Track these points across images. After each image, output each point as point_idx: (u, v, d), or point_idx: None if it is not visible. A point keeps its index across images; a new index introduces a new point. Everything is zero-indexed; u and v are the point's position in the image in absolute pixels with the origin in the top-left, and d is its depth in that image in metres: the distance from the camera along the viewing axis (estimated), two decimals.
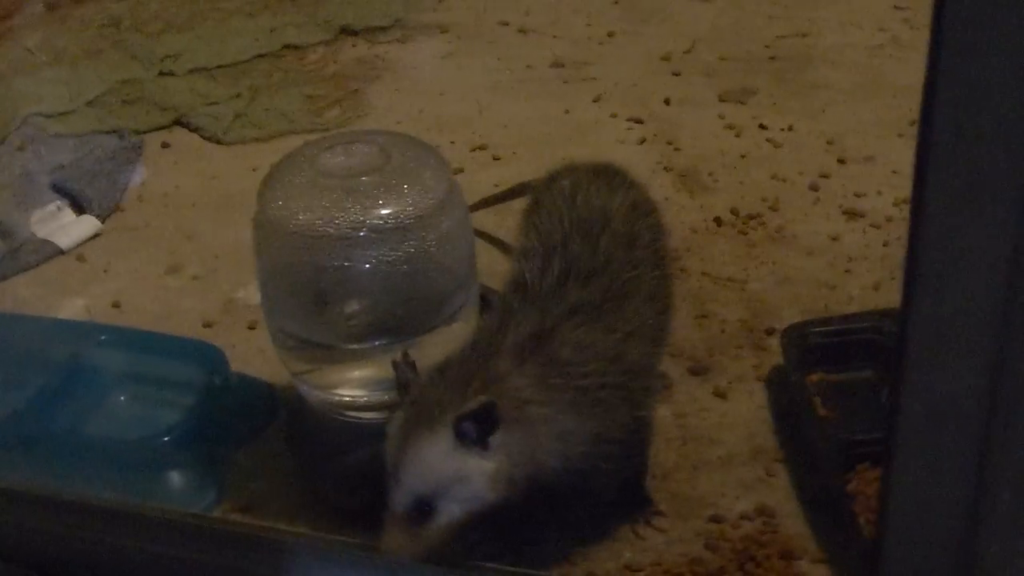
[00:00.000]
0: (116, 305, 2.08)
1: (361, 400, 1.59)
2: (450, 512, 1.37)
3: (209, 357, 1.81)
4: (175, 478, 1.71)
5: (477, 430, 1.34)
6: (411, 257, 1.49)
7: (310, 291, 1.52)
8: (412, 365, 1.41)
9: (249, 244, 2.16)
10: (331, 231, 1.47)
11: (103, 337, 1.86)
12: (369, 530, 1.48)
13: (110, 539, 1.53)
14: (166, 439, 1.70)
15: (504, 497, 1.39)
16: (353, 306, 1.54)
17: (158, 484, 1.70)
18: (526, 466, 1.39)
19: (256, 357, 1.91)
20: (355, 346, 1.55)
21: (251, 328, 2.01)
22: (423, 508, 1.35)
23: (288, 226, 1.48)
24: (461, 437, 1.34)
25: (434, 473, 1.35)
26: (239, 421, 1.79)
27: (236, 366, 1.84)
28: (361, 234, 1.47)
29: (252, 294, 2.08)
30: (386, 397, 1.56)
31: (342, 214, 1.47)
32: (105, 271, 2.17)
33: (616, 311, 1.49)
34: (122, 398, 1.82)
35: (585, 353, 1.44)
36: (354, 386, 1.59)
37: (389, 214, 1.48)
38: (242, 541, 1.50)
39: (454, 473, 1.35)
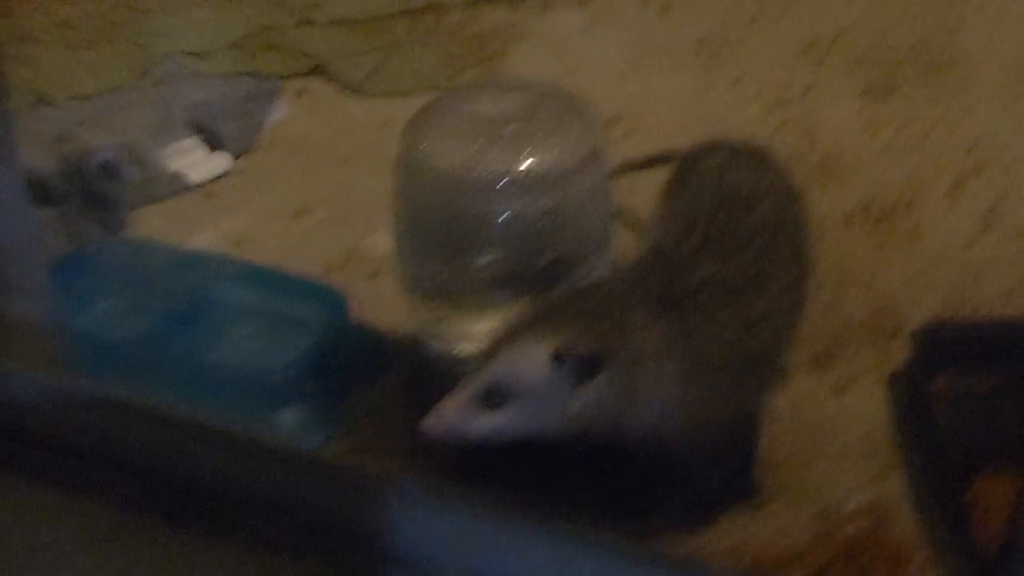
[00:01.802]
0: (241, 242, 2.10)
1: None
2: (517, 417, 1.37)
3: (330, 300, 1.82)
4: (288, 414, 1.73)
5: (575, 369, 1.34)
6: (551, 210, 1.49)
7: (446, 236, 1.52)
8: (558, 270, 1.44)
9: (378, 194, 2.18)
10: (473, 177, 1.47)
11: (229, 270, 1.88)
12: (478, 482, 1.50)
13: (217, 462, 1.54)
14: (283, 374, 1.72)
15: (577, 436, 1.39)
16: (488, 255, 1.53)
17: (271, 417, 1.72)
18: (612, 422, 1.39)
19: (375, 307, 1.91)
20: (485, 296, 1.54)
21: (373, 278, 2.01)
22: (493, 398, 1.36)
23: (430, 169, 1.49)
24: (558, 364, 1.34)
25: (523, 376, 1.35)
26: (354, 367, 1.81)
27: (355, 313, 1.84)
28: (502, 183, 1.46)
29: (377, 243, 2.08)
30: None
31: (486, 160, 1.47)
32: (233, 209, 2.19)
33: (749, 294, 1.47)
34: (243, 331, 1.83)
35: (713, 326, 1.42)
36: (478, 339, 1.58)
37: (533, 164, 1.47)
38: (348, 479, 1.51)
39: (540, 387, 1.35)
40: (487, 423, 1.38)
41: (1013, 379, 1.76)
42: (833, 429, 1.73)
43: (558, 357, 1.33)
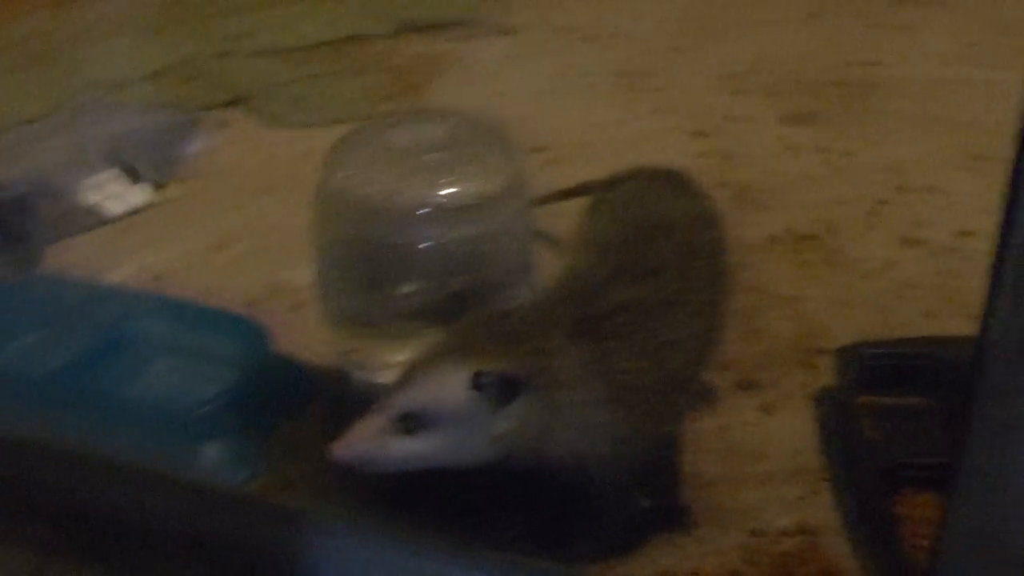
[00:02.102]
0: (159, 277, 2.07)
1: None
2: (435, 443, 1.34)
3: (251, 333, 1.79)
4: (210, 450, 1.69)
5: (494, 393, 1.31)
6: (471, 239, 1.47)
7: (366, 266, 1.50)
8: (465, 299, 1.41)
9: (299, 226, 2.16)
10: (393, 206, 1.45)
11: (148, 305, 1.85)
12: (401, 514, 1.47)
13: (138, 500, 1.50)
14: (203, 410, 1.68)
15: (497, 463, 1.36)
16: (409, 285, 1.51)
17: (193, 454, 1.68)
18: (531, 446, 1.36)
19: (297, 339, 1.89)
20: (406, 325, 1.52)
21: (294, 310, 1.99)
22: (409, 423, 1.33)
23: (350, 199, 1.47)
24: (477, 387, 1.31)
25: (440, 401, 1.32)
26: (277, 400, 1.77)
27: (277, 347, 1.82)
28: (422, 212, 1.45)
29: (298, 276, 2.06)
30: None
31: (406, 190, 1.45)
32: (152, 242, 2.16)
33: (664, 317, 1.46)
34: (163, 366, 1.80)
35: (629, 349, 1.41)
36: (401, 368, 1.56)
37: (455, 193, 1.46)
38: (267, 514, 1.47)
39: (459, 412, 1.32)
40: (403, 449, 1.34)
41: (936, 397, 1.77)
42: (762, 449, 1.73)
43: (477, 380, 1.31)
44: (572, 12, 2.87)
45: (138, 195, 2.24)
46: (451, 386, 1.32)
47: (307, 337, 1.91)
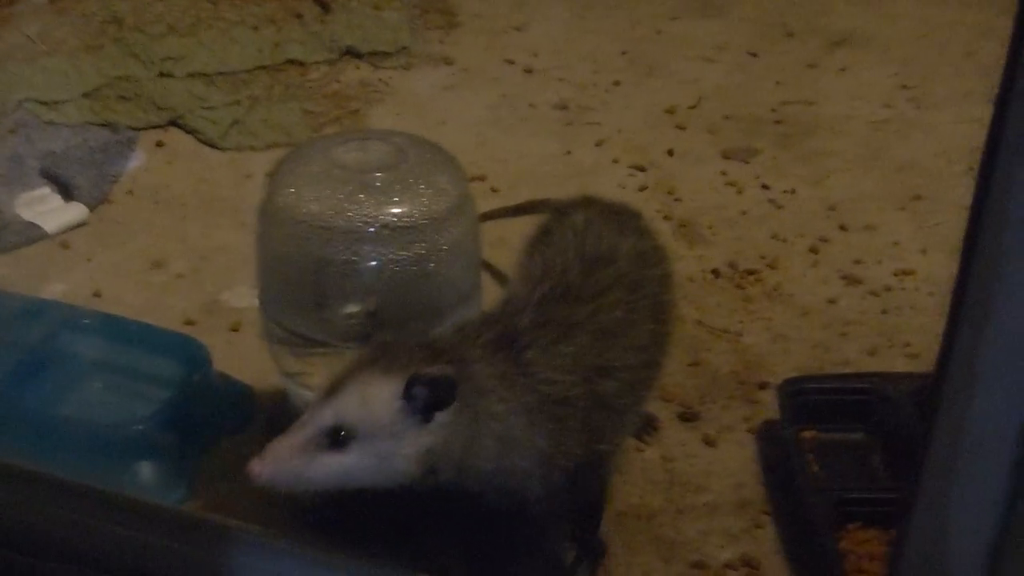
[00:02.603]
0: (97, 295, 2.04)
1: None
2: (360, 461, 1.31)
3: (191, 352, 1.77)
4: (145, 469, 1.66)
5: (426, 400, 1.29)
6: (420, 259, 1.46)
7: (312, 284, 1.47)
8: (381, 321, 1.36)
9: (237, 247, 2.15)
10: (341, 224, 1.43)
11: (85, 321, 1.81)
12: (331, 536, 1.45)
13: (73, 518, 1.46)
14: (139, 427, 1.66)
15: (419, 480, 1.34)
16: (355, 304, 1.48)
17: (127, 474, 1.65)
18: (457, 460, 1.34)
19: (236, 360, 1.86)
20: (352, 346, 1.49)
21: (234, 330, 1.96)
22: (336, 439, 1.30)
23: (297, 215, 1.44)
24: (408, 397, 1.29)
25: (371, 411, 1.29)
26: (216, 419, 1.75)
27: (216, 367, 1.79)
28: (371, 230, 1.43)
29: (237, 296, 2.04)
30: None
31: (354, 207, 1.44)
32: (89, 260, 2.12)
33: (598, 342, 1.45)
34: (99, 383, 1.77)
35: (553, 362, 1.40)
36: None
37: (402, 212, 1.44)
38: (200, 531, 1.44)
39: (388, 424, 1.30)
40: (330, 465, 1.31)
41: (878, 432, 1.77)
42: (704, 481, 1.73)
43: (410, 386, 1.28)
44: (511, 45, 2.86)
45: (73, 212, 2.20)
46: (381, 396, 1.30)
47: (246, 357, 1.88)
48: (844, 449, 1.77)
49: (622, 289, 1.50)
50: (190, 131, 2.49)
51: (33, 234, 2.15)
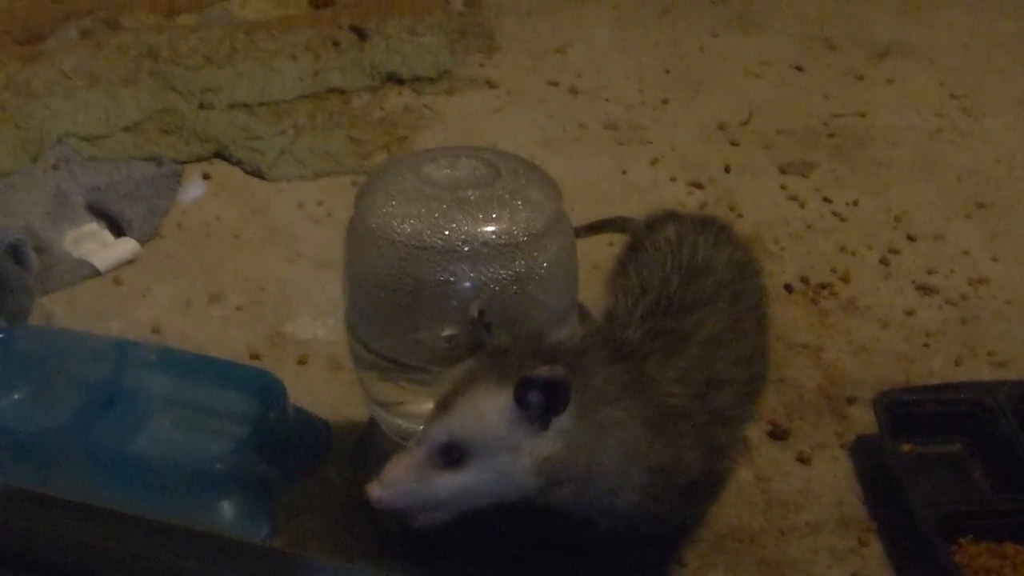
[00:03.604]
0: (156, 331, 1.98)
1: None
2: (478, 477, 1.26)
3: (266, 386, 1.71)
4: (227, 507, 1.60)
5: (543, 404, 1.24)
6: (518, 278, 1.39)
7: (407, 307, 1.41)
8: (488, 326, 1.32)
9: (295, 278, 2.10)
10: (437, 243, 1.37)
11: (152, 357, 1.75)
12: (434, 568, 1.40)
13: (152, 556, 1.40)
14: (219, 465, 1.60)
15: (538, 495, 1.29)
16: (450, 328, 1.43)
17: (210, 513, 1.59)
18: (580, 473, 1.29)
19: (307, 393, 1.81)
20: (446, 372, 1.44)
21: (301, 363, 1.91)
22: (452, 455, 1.25)
23: (390, 235, 1.38)
24: (522, 404, 1.24)
25: (485, 424, 1.24)
26: (295, 454, 1.69)
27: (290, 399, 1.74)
28: (468, 248, 1.37)
29: (301, 328, 1.99)
30: None
31: (450, 226, 1.37)
32: (143, 296, 2.07)
33: (708, 351, 1.40)
34: (174, 420, 1.71)
35: (671, 374, 1.35)
36: None
37: (500, 229, 1.38)
38: (288, 566, 1.38)
39: (505, 435, 1.25)
40: (447, 484, 1.26)
41: (978, 444, 1.72)
42: (802, 500, 1.68)
43: (522, 392, 1.22)
44: (553, 67, 2.81)
45: (125, 248, 2.14)
46: (494, 407, 1.25)
47: (317, 390, 1.84)
48: (944, 463, 1.72)
49: (724, 299, 1.46)
50: (236, 162, 2.44)
51: (84, 271, 2.09)
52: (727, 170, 2.43)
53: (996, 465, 1.69)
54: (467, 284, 1.39)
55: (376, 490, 1.26)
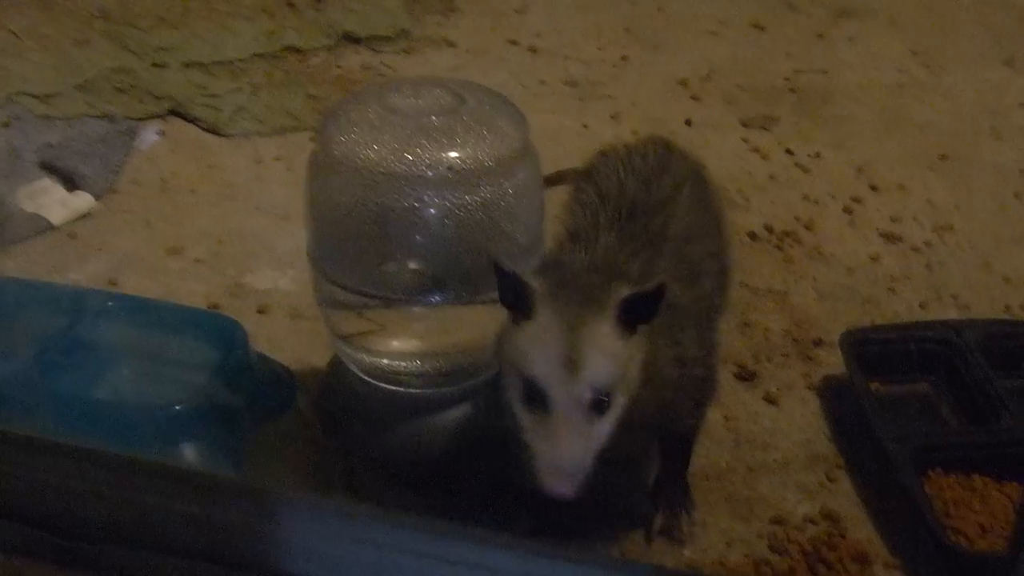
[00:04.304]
0: (113, 283, 1.94)
1: (413, 367, 1.45)
2: (619, 405, 1.25)
3: (226, 331, 1.67)
4: (188, 451, 1.56)
5: (636, 314, 1.24)
6: (486, 204, 1.37)
7: (374, 236, 1.38)
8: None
9: (254, 231, 2.07)
10: (402, 169, 1.34)
11: (111, 304, 1.71)
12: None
13: (109, 495, 1.37)
14: (179, 408, 1.56)
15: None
16: (418, 255, 1.40)
17: (170, 456, 1.55)
18: (659, 370, 1.31)
19: (269, 342, 1.78)
20: (414, 301, 1.42)
21: (261, 312, 1.88)
22: (599, 402, 1.23)
23: (354, 162, 1.36)
24: (622, 321, 1.23)
25: (614, 359, 1.23)
26: (257, 400, 1.65)
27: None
28: (432, 174, 1.34)
29: (261, 279, 1.96)
30: (440, 366, 1.44)
31: (414, 151, 1.35)
32: (100, 249, 2.03)
33: (683, 247, 1.42)
34: (134, 366, 1.66)
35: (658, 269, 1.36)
36: (406, 351, 1.46)
37: (465, 155, 1.36)
38: (254, 497, 1.35)
39: (626, 355, 1.25)
40: (603, 431, 1.24)
41: (945, 381, 1.72)
42: (771, 439, 1.67)
43: (628, 307, 1.22)
44: (512, 26, 2.79)
45: (79, 202, 2.10)
46: (611, 339, 1.23)
47: (279, 339, 1.81)
48: (911, 400, 1.72)
49: (684, 197, 1.48)
50: (192, 119, 2.40)
51: (38, 225, 2.05)
52: (688, 124, 2.42)
53: (963, 402, 1.68)
54: (433, 211, 1.36)
55: (560, 485, 1.22)
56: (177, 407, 1.56)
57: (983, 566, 1.43)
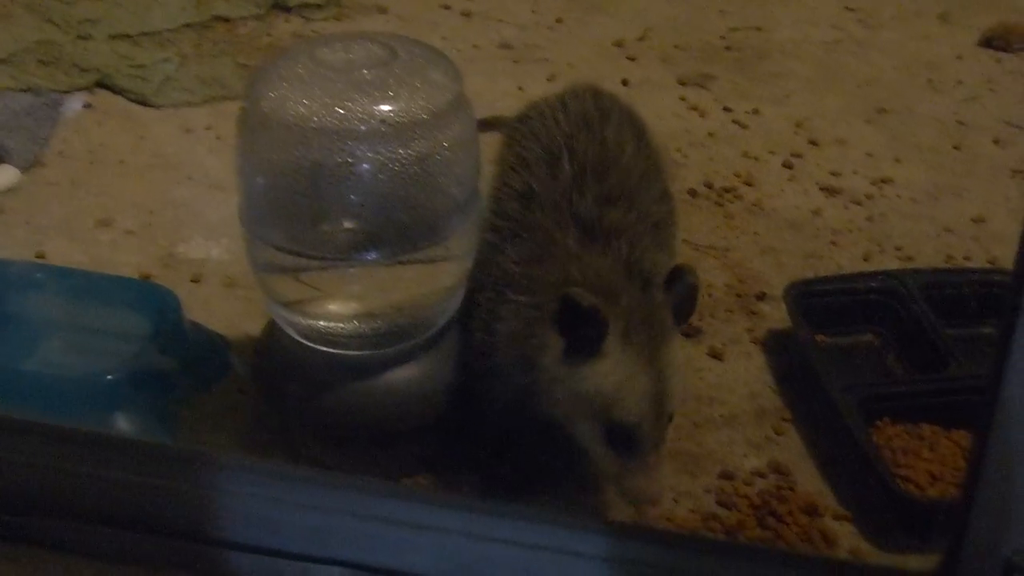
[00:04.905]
0: (41, 256, 1.88)
1: (350, 329, 1.41)
2: None
3: (158, 299, 1.64)
4: (121, 421, 1.52)
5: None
6: (420, 158, 1.34)
7: (306, 194, 1.35)
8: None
9: (185, 202, 2.02)
10: (333, 123, 1.30)
11: (39, 276, 1.67)
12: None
13: (49, 462, 1.33)
14: (110, 377, 1.52)
15: None
16: (352, 212, 1.37)
17: (103, 427, 1.51)
18: None
19: (202, 310, 1.74)
20: (350, 260, 1.38)
21: (195, 281, 1.84)
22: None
23: (284, 118, 1.31)
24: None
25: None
26: (192, 369, 1.62)
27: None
28: (365, 128, 1.31)
29: (194, 248, 1.92)
30: (378, 327, 1.41)
31: (346, 105, 1.31)
32: (27, 222, 1.97)
33: (639, 194, 1.43)
34: (62, 338, 1.62)
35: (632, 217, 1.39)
36: (344, 313, 1.42)
37: (399, 108, 1.32)
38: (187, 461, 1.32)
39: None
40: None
41: (890, 331, 1.70)
42: (717, 393, 1.65)
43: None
44: None
45: (4, 175, 2.05)
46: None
47: (213, 309, 1.77)
48: (857, 351, 1.71)
49: (630, 145, 1.49)
50: (119, 91, 2.35)
51: None
52: (625, 84, 2.40)
53: (909, 351, 1.67)
54: (366, 166, 1.33)
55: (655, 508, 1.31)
56: (109, 376, 1.52)
57: (934, 513, 1.41)
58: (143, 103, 2.32)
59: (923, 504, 1.42)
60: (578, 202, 1.36)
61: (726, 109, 2.31)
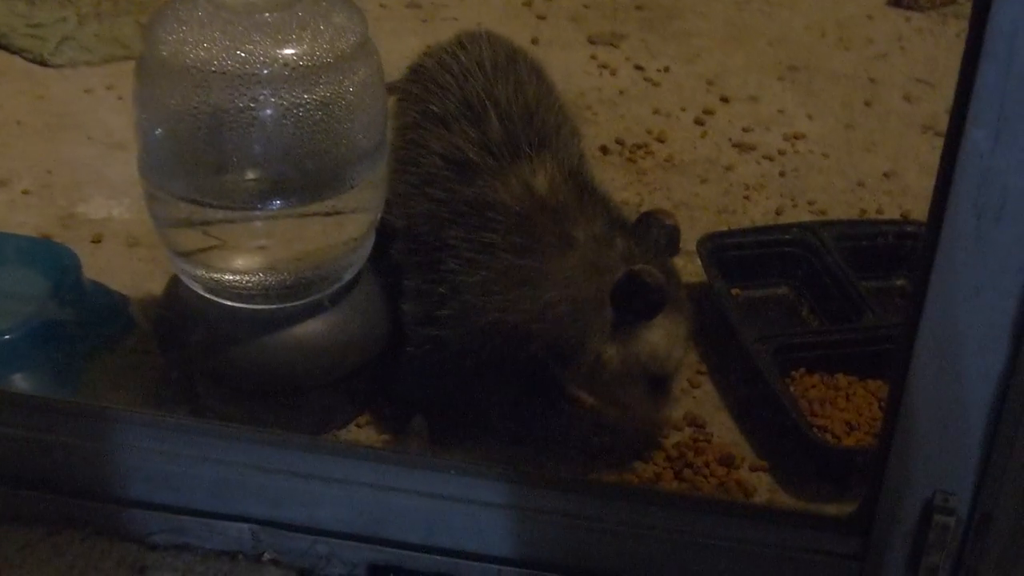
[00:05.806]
0: None
1: (256, 281, 1.37)
2: None
3: (56, 257, 1.59)
4: (20, 380, 1.48)
5: None
6: (324, 103, 1.30)
7: (208, 141, 1.30)
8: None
9: (86, 162, 1.96)
10: (234, 67, 1.26)
11: None
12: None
13: None
14: (8, 337, 1.47)
15: None
16: (255, 160, 1.32)
17: (1, 386, 1.46)
18: None
19: (104, 271, 1.69)
20: (254, 208, 1.33)
21: (95, 241, 1.78)
22: None
23: (183, 62, 1.27)
24: None
25: None
26: (93, 328, 1.57)
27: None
28: (267, 71, 1.26)
29: (95, 208, 1.86)
30: (284, 279, 1.37)
31: (247, 48, 1.27)
32: None
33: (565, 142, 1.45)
34: None
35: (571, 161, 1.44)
36: (249, 266, 1.38)
37: (303, 51, 1.28)
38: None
39: None
40: None
41: (804, 283, 1.69)
42: None
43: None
44: None
45: None
46: None
47: (115, 269, 1.72)
48: (771, 304, 1.69)
49: (545, 91, 1.51)
50: (15, 51, 2.28)
51: None
52: (535, 42, 2.36)
53: (823, 303, 1.66)
54: (269, 111, 1.28)
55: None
56: (7, 336, 1.47)
57: (850, 461, 1.40)
58: (41, 63, 2.25)
59: (840, 452, 1.41)
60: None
61: (637, 67, 2.29)
